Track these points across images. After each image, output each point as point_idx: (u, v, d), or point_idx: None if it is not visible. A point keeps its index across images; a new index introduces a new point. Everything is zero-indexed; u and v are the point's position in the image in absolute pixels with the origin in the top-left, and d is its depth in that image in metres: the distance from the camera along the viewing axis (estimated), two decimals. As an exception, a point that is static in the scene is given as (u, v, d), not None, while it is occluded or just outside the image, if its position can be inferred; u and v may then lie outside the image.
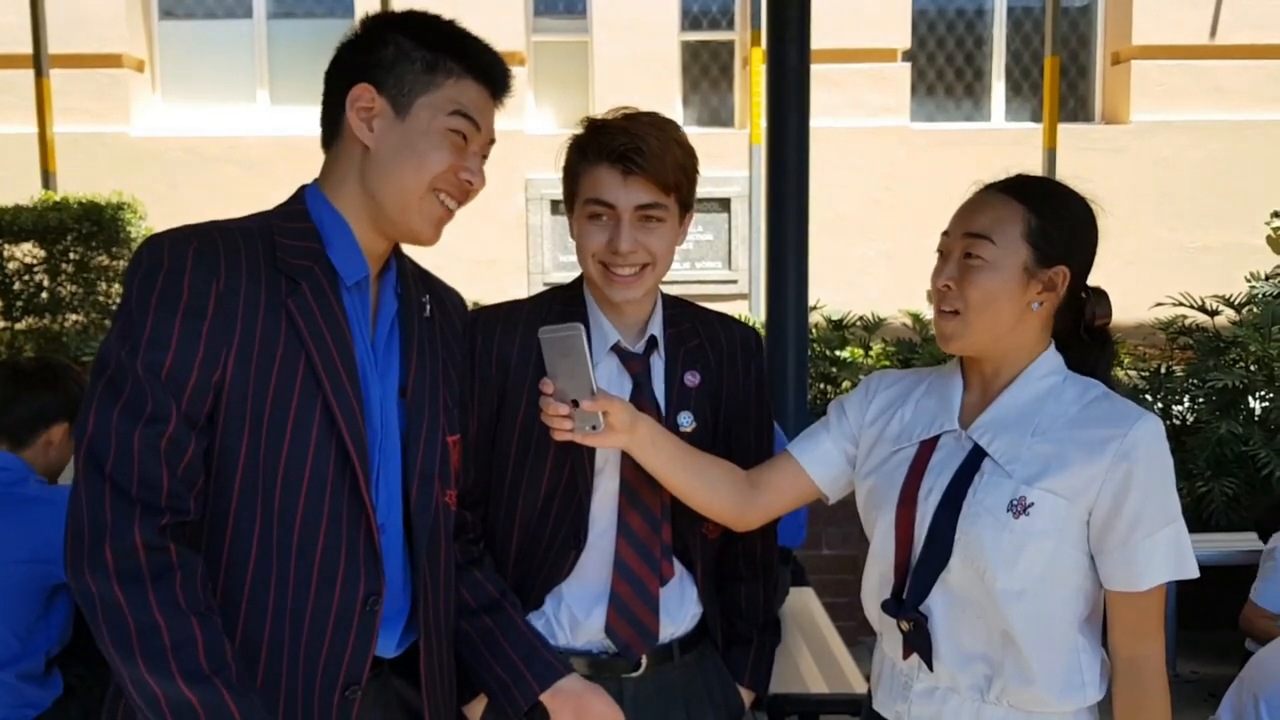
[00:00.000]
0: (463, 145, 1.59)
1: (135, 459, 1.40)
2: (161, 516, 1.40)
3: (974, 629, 1.68)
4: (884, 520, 1.75)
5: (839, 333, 6.24)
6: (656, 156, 1.81)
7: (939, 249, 1.75)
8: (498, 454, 1.92)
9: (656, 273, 1.88)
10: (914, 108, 10.37)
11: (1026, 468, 1.65)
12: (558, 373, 1.70)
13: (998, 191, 1.72)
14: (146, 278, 1.46)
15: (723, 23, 10.61)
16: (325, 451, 1.52)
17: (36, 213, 6.46)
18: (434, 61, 1.57)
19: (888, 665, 1.83)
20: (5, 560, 2.57)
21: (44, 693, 2.67)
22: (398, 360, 1.65)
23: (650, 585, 1.91)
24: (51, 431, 2.75)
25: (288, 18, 10.38)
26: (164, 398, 1.42)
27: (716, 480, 1.87)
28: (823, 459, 1.91)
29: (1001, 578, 1.62)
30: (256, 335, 1.48)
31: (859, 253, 9.93)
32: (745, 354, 2.05)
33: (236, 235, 1.52)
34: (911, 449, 1.78)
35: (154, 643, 1.37)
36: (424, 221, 1.60)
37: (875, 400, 1.89)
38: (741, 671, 2.06)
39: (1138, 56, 10.06)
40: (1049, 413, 1.69)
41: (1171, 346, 5.72)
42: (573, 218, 1.92)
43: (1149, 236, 9.62)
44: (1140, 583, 1.63)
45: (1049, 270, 1.68)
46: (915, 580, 1.71)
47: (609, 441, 1.75)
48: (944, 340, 1.73)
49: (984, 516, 1.64)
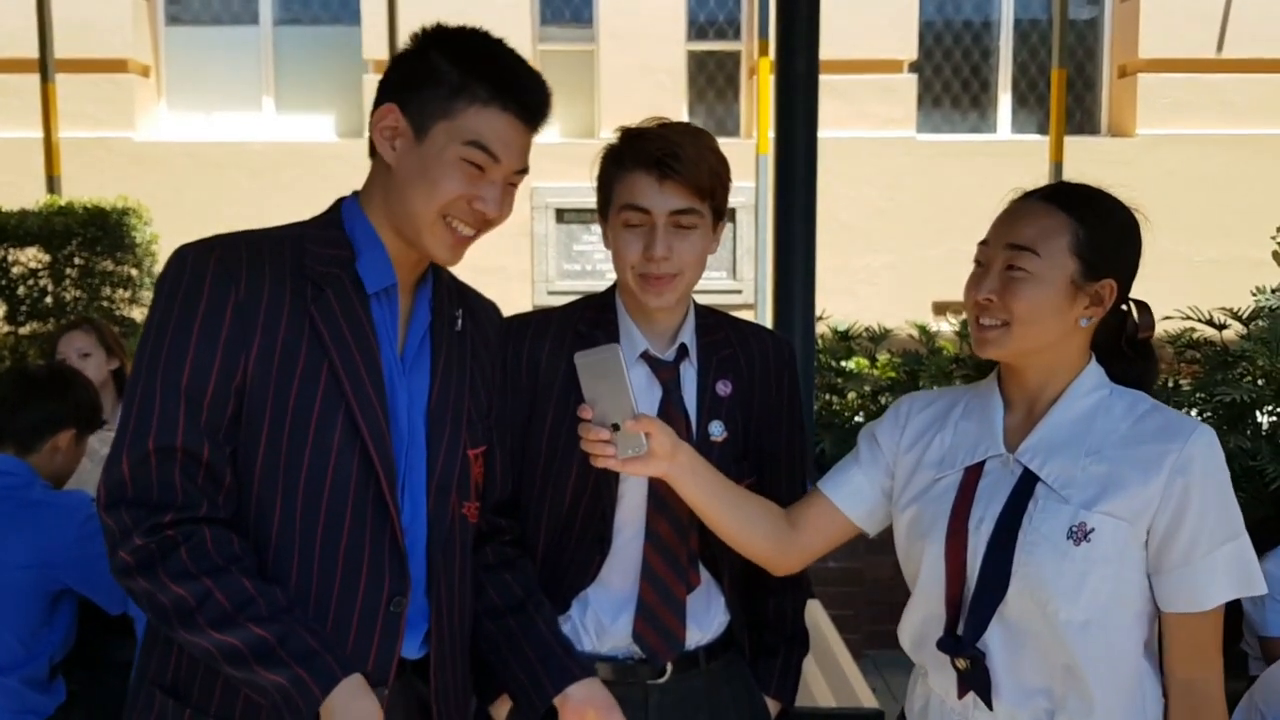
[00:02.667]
0: (477, 175, 1.57)
1: (153, 469, 1.46)
2: (166, 514, 1.46)
3: (1035, 663, 1.61)
4: (932, 553, 1.67)
5: (845, 343, 6.22)
6: (692, 162, 1.81)
7: (976, 259, 1.68)
8: (527, 460, 1.93)
9: (688, 279, 1.88)
10: (920, 119, 10.37)
11: (1083, 491, 1.58)
12: (597, 397, 1.68)
13: (1040, 200, 1.65)
14: (170, 292, 1.51)
15: (729, 33, 10.61)
16: (348, 454, 1.53)
17: (41, 217, 6.46)
18: (460, 86, 1.55)
19: (935, 701, 1.75)
20: (8, 565, 2.59)
21: (47, 699, 2.68)
22: (428, 371, 1.66)
23: (677, 592, 1.91)
24: (58, 438, 2.77)
25: (294, 24, 10.40)
26: (175, 406, 1.47)
27: (756, 517, 1.83)
28: (856, 494, 1.84)
29: (1065, 609, 1.55)
30: (278, 339, 1.51)
31: (864, 263, 9.92)
32: (779, 365, 2.03)
33: (263, 243, 1.55)
34: (956, 476, 1.70)
35: (182, 608, 1.45)
36: (437, 245, 1.60)
37: (909, 426, 1.81)
38: (768, 682, 2.05)
39: (1144, 70, 10.07)
40: (1100, 430, 1.61)
41: (1178, 360, 5.69)
42: (607, 228, 1.92)
43: (1155, 250, 9.37)
44: (1202, 603, 1.56)
45: (1097, 284, 1.61)
46: (972, 616, 1.63)
47: (650, 469, 1.72)
48: (982, 345, 1.65)
49: (1042, 545, 1.57)
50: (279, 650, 1.44)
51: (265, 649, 1.44)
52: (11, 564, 2.58)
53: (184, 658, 1.55)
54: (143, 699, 1.59)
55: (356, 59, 10.08)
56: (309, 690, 1.44)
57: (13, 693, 2.60)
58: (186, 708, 1.55)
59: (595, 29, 10.34)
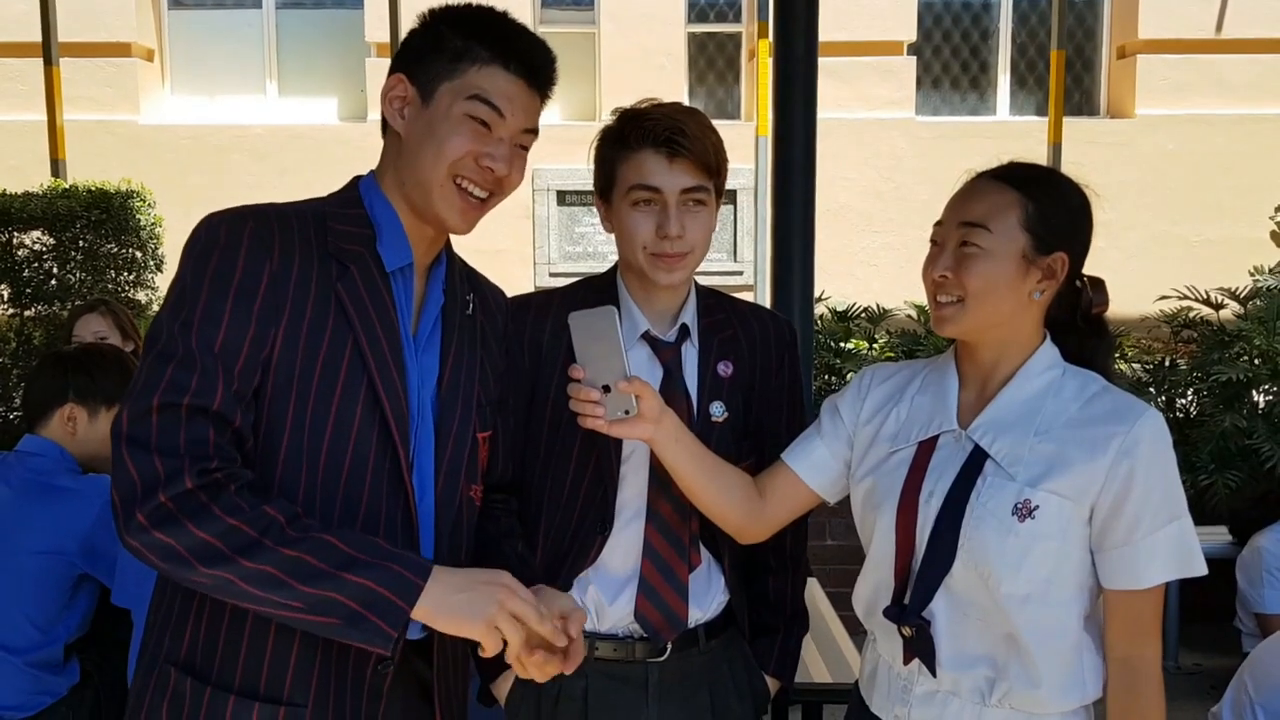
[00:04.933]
0: (484, 132, 1.59)
1: (183, 424, 1.42)
2: (210, 462, 1.41)
3: (977, 633, 1.66)
4: (883, 523, 1.72)
5: (843, 324, 6.25)
6: (698, 139, 1.83)
7: (933, 239, 1.73)
8: (528, 441, 1.94)
9: (698, 256, 1.89)
10: (919, 101, 10.36)
11: (1030, 469, 1.61)
12: (588, 358, 1.68)
13: (992, 179, 1.70)
14: (202, 256, 1.49)
15: (729, 15, 10.60)
16: (368, 431, 1.54)
17: (46, 200, 6.45)
18: (463, 49, 1.58)
19: (884, 667, 1.80)
20: (26, 550, 2.59)
21: (61, 680, 2.70)
22: (438, 353, 1.67)
23: (679, 572, 1.93)
24: (63, 411, 2.76)
25: (297, 8, 10.38)
26: (214, 370, 1.44)
27: (732, 487, 1.85)
28: (817, 465, 1.87)
29: (1007, 582, 1.59)
30: (306, 316, 1.51)
31: (863, 244, 9.94)
32: (780, 346, 2.05)
33: (291, 217, 1.56)
34: (909, 450, 1.74)
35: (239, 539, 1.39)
36: (448, 209, 1.61)
37: (869, 398, 1.85)
38: (767, 660, 2.08)
39: (1143, 50, 10.05)
40: (1050, 411, 1.65)
41: (1175, 340, 5.71)
42: (609, 209, 1.92)
43: (1153, 230, 9.61)
44: (1141, 581, 1.60)
45: (1048, 257, 1.65)
46: (918, 585, 1.68)
47: (637, 431, 1.72)
48: (940, 323, 1.69)
49: (988, 520, 1.61)
50: (360, 554, 1.41)
51: (343, 556, 1.40)
52: (29, 549, 2.59)
53: (203, 632, 1.53)
54: (156, 680, 1.56)
55: (359, 42, 10.08)
56: (407, 584, 1.40)
57: (28, 675, 2.61)
58: (207, 685, 1.52)
59: (596, 11, 10.33)
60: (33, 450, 2.74)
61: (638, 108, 1.90)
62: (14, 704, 2.60)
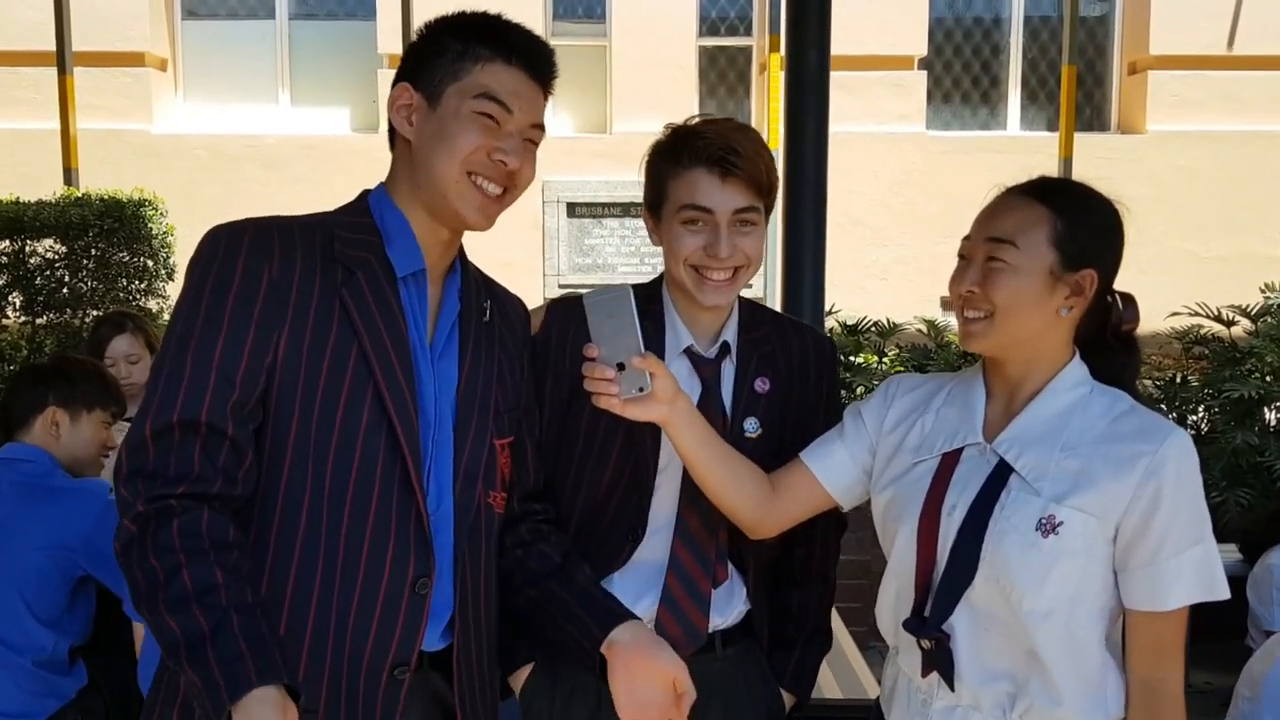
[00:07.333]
0: (493, 127, 1.61)
1: (173, 444, 1.46)
2: (178, 486, 1.45)
3: (998, 648, 1.64)
4: (904, 535, 1.70)
5: (854, 338, 6.24)
6: (750, 159, 1.82)
7: (960, 253, 1.71)
8: (564, 445, 1.93)
9: (747, 276, 1.88)
10: (930, 115, 10.37)
11: (1055, 485, 1.59)
12: (603, 337, 1.68)
13: (1021, 194, 1.67)
14: (202, 268, 1.52)
15: (740, 28, 10.62)
16: (376, 436, 1.55)
17: (58, 209, 6.48)
18: (464, 50, 1.61)
19: (904, 681, 1.78)
20: (29, 546, 2.62)
21: (68, 682, 2.71)
22: (456, 360, 1.68)
23: (703, 586, 1.92)
24: (45, 416, 2.79)
25: (310, 19, 10.44)
26: (204, 379, 1.47)
27: (744, 478, 1.83)
28: (835, 467, 1.85)
29: (1029, 598, 1.57)
30: (309, 321, 1.52)
31: (874, 258, 9.93)
32: (819, 362, 2.02)
33: (294, 228, 1.58)
34: (933, 461, 1.72)
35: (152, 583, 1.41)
36: (465, 206, 1.62)
37: (894, 407, 1.83)
38: (784, 674, 2.05)
39: (1154, 66, 10.05)
40: (1076, 427, 1.63)
41: (1186, 356, 5.70)
42: (658, 224, 1.91)
43: (1164, 246, 9.59)
44: (1164, 603, 1.58)
45: (1076, 274, 1.63)
46: (938, 598, 1.66)
47: (650, 411, 1.70)
48: (967, 339, 1.68)
49: (1011, 535, 1.59)
50: (206, 646, 1.36)
51: (196, 641, 1.37)
52: (33, 545, 2.62)
53: None
54: (166, 686, 1.55)
55: (371, 53, 10.11)
56: (218, 694, 1.35)
57: (34, 676, 2.63)
58: None
59: (607, 24, 10.35)
60: (19, 456, 2.77)
61: (690, 124, 1.89)
62: (21, 709, 2.61)
